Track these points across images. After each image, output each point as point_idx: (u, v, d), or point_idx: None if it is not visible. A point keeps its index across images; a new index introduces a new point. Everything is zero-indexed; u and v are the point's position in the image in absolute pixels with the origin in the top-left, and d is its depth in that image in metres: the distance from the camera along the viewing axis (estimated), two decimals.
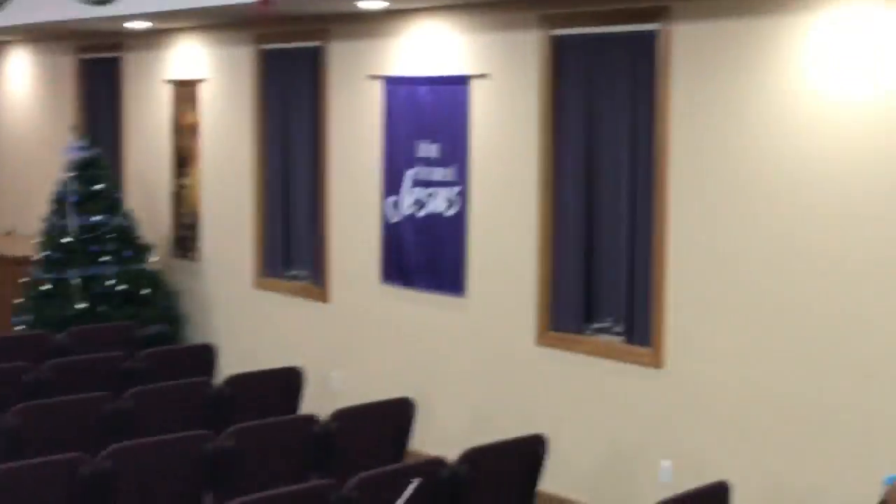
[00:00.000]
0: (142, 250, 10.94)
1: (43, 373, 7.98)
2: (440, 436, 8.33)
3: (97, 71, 12.59)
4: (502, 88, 8.04)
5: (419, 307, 8.77)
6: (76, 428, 6.90)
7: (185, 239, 11.36)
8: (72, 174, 10.77)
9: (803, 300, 6.37)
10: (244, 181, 10.44)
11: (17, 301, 10.87)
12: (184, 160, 11.32)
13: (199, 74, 11.03)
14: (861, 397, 6.16)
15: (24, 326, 10.56)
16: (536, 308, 7.85)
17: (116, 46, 12.12)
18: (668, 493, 5.57)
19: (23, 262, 11.36)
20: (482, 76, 8.14)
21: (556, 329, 7.78)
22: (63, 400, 7.23)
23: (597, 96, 7.46)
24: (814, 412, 6.37)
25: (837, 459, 6.20)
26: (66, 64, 13.12)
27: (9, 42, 14.24)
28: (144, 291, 10.71)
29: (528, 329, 7.91)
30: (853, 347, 6.17)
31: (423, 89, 8.60)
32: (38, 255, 10.75)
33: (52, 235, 10.67)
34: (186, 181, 11.30)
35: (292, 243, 10.13)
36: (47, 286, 10.52)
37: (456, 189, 8.36)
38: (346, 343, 9.46)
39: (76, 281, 10.43)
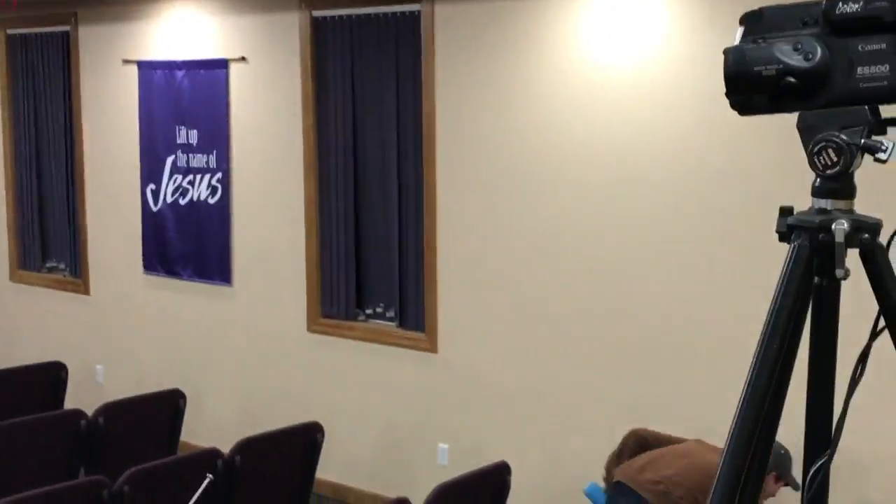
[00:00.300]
0: None
1: None
2: (213, 427, 8.21)
3: None
4: (263, 71, 7.92)
5: (185, 297, 8.59)
6: None
7: None
8: None
9: (568, 285, 6.50)
10: None
11: None
12: None
13: None
14: (618, 379, 6.35)
15: None
16: (306, 294, 7.78)
17: None
18: (446, 476, 5.60)
19: None
20: (241, 59, 8.01)
21: (328, 315, 7.72)
22: None
23: (361, 77, 7.42)
24: (575, 394, 6.53)
25: (600, 435, 6.31)
26: None
27: None
28: None
29: (299, 316, 7.83)
30: (614, 333, 6.35)
31: (180, 73, 8.40)
32: None
33: None
34: None
35: (48, 234, 9.79)
36: None
37: (217, 175, 8.21)
38: (110, 335, 9.21)
39: None
